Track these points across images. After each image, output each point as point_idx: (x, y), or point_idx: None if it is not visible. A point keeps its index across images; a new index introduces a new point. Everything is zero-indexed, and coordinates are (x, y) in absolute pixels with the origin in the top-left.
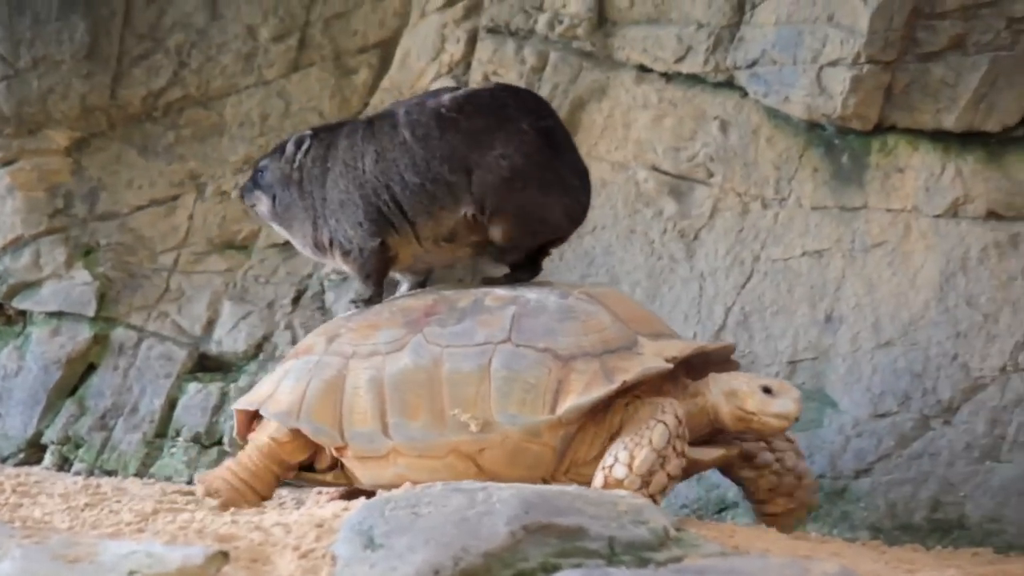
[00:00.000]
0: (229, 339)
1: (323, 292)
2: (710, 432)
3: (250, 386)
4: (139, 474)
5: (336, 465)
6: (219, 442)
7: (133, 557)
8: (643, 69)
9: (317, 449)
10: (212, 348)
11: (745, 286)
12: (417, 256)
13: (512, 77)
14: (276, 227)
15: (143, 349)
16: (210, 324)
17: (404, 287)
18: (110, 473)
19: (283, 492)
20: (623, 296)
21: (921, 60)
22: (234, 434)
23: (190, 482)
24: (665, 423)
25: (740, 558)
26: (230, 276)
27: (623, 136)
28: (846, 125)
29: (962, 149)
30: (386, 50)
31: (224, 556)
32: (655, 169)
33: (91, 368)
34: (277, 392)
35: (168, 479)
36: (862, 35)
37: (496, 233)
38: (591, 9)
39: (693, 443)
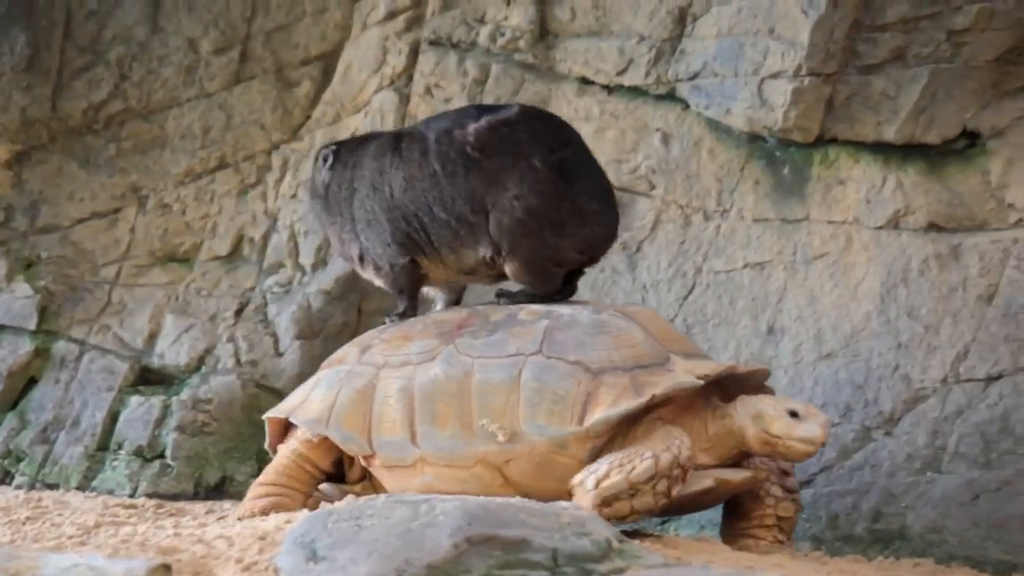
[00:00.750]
0: (171, 352)
1: (266, 305)
2: (739, 454)
3: (192, 399)
4: (81, 487)
5: (365, 476)
6: (161, 455)
7: (75, 570)
8: (585, 81)
9: (347, 460)
10: (154, 361)
11: (687, 298)
12: (448, 277)
13: (454, 89)
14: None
15: (84, 362)
16: (152, 337)
17: (439, 305)
18: (52, 486)
19: (226, 504)
20: (657, 316)
21: (862, 72)
22: (266, 444)
23: (132, 495)
24: (657, 459)
25: (683, 569)
26: (172, 289)
27: None
28: (787, 137)
29: (903, 161)
30: (328, 63)
31: (166, 569)
32: None
33: (32, 381)
34: (308, 400)
35: (110, 492)
36: (803, 48)
37: (511, 272)
38: (533, 22)
39: (722, 464)
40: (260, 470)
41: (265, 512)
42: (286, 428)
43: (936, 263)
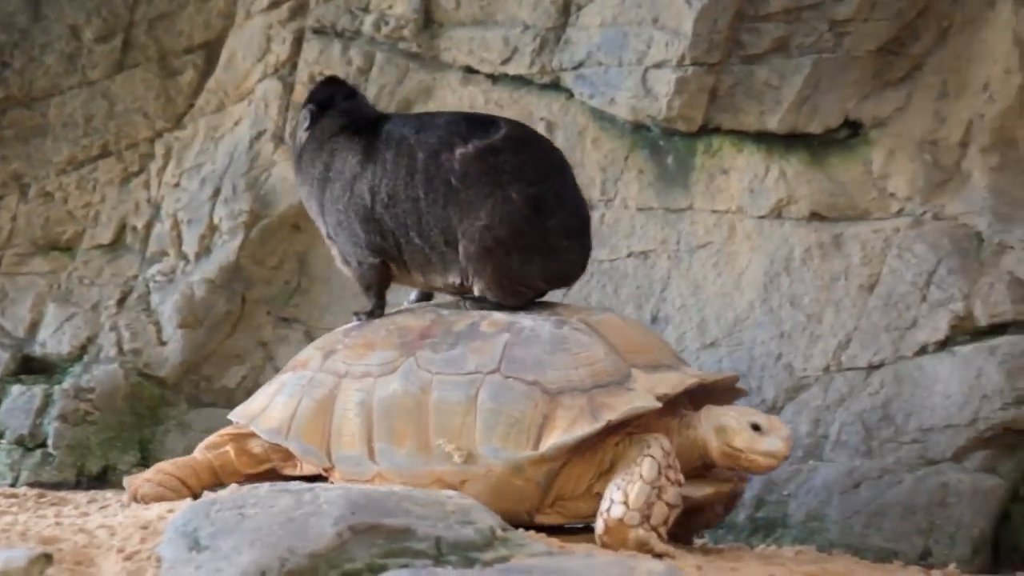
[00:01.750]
0: (53, 341)
1: (149, 294)
2: (703, 466)
3: (74, 388)
4: None
5: (319, 479)
6: (43, 444)
7: None
8: (469, 70)
9: (288, 461)
10: (36, 350)
11: (572, 287)
12: (414, 286)
13: None
14: None
15: None
16: (34, 326)
17: (412, 295)
18: None
19: (108, 494)
20: (625, 322)
21: (745, 62)
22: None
23: (13, 484)
24: (652, 456)
25: (566, 557)
26: (54, 278)
27: None
28: (671, 127)
29: (786, 151)
30: (212, 51)
31: (47, 558)
32: None
33: None
34: (270, 408)
35: None
36: (687, 37)
37: (479, 292)
38: (417, 10)
39: (686, 477)
40: (143, 459)
41: (146, 500)
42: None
43: (818, 252)
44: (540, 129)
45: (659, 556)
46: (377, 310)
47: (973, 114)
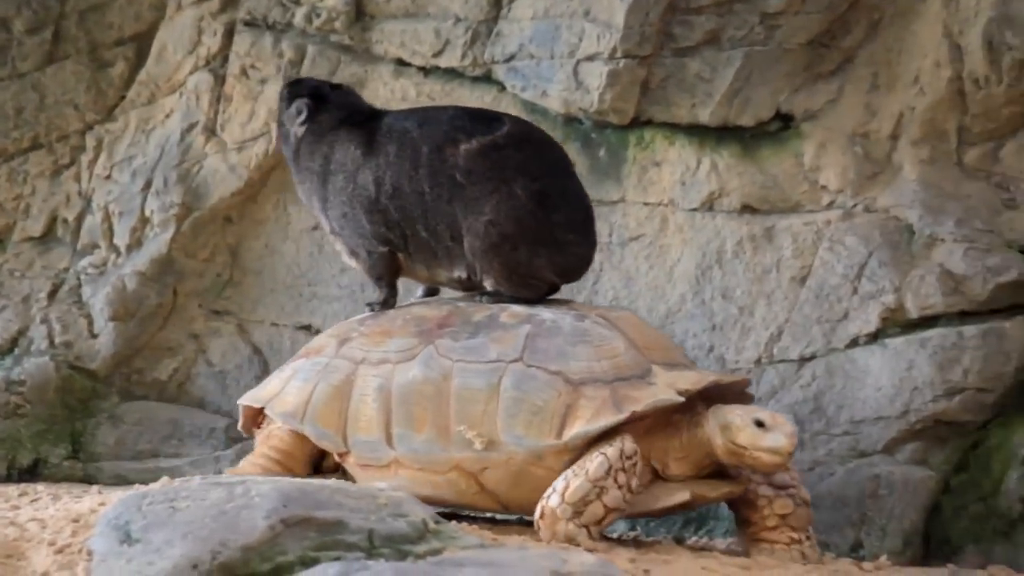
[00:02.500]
0: None
1: (80, 286)
2: (717, 463)
3: (5, 381)
4: None
5: (339, 469)
6: None
7: None
8: (401, 63)
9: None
10: None
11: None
12: (420, 281)
13: (270, 71)
14: None
15: None
16: None
17: (419, 292)
18: None
19: (39, 487)
20: (640, 321)
21: (677, 55)
22: (239, 426)
23: None
24: (605, 455)
25: (498, 550)
26: None
27: None
28: (603, 119)
29: (717, 143)
30: (142, 43)
31: None
32: None
33: None
34: (284, 392)
35: None
36: (618, 30)
37: (491, 287)
38: (348, 3)
39: (702, 474)
40: (74, 452)
41: None
42: (258, 412)
43: (750, 245)
44: None
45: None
46: (390, 299)
47: (904, 107)
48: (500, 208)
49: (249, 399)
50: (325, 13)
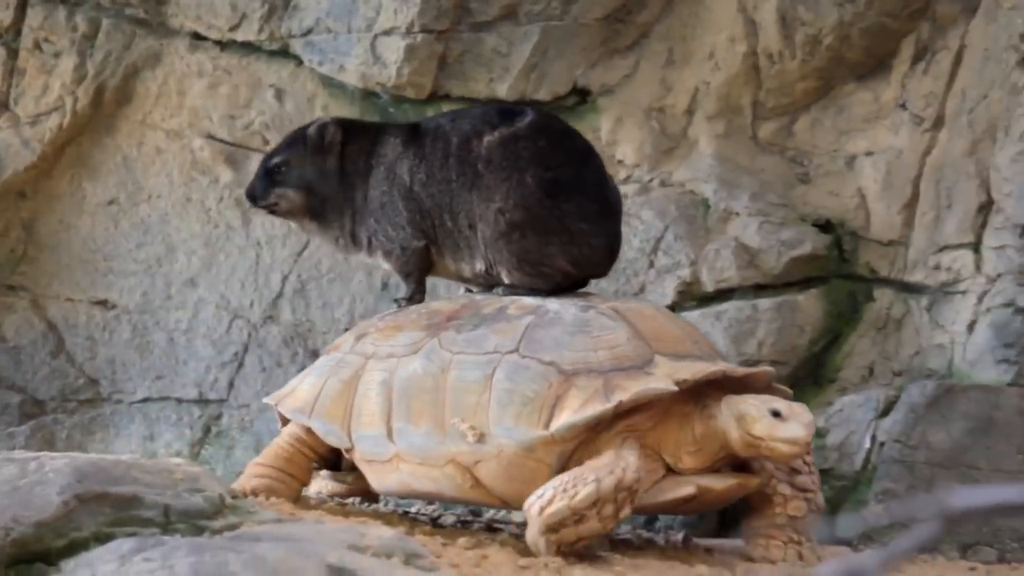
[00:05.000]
0: None
1: None
2: (731, 456)
3: None
4: None
5: (355, 468)
6: None
7: None
8: (197, 37)
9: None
10: None
11: (302, 254)
12: (449, 277)
13: (64, 44)
14: (302, 224)
15: None
16: None
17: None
18: None
19: None
20: (660, 312)
21: (474, 29)
22: (279, 426)
23: None
24: (599, 483)
25: (296, 524)
26: None
27: (178, 104)
28: (401, 94)
29: None
30: None
31: None
32: (211, 137)
33: None
34: (298, 388)
35: None
36: (415, 4)
37: (508, 281)
38: None
39: (714, 467)
40: None
41: (256, 493)
42: None
43: None
44: (269, 96)
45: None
46: (417, 295)
47: (699, 82)
48: (510, 196)
49: (269, 398)
50: None
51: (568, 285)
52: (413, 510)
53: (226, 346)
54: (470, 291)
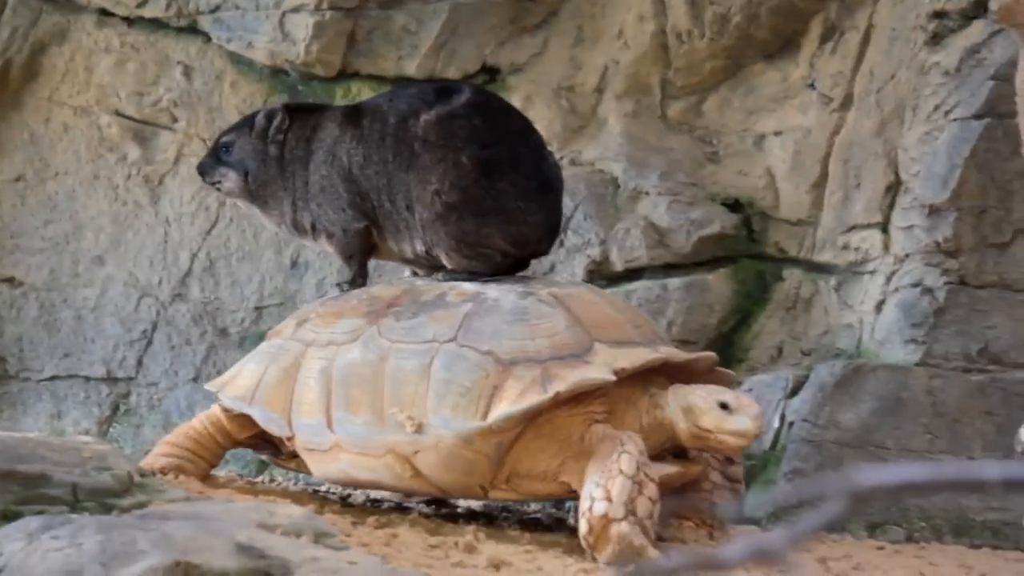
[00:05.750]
0: None
1: None
2: (672, 447)
3: None
4: None
5: (295, 456)
6: None
7: None
8: (105, 13)
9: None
10: None
11: (211, 232)
12: (391, 259)
13: None
14: (245, 204)
15: None
16: None
17: (406, 273)
18: None
19: None
20: (601, 298)
21: (383, 7)
22: None
23: None
24: (628, 452)
25: (205, 502)
26: None
27: (85, 81)
28: (310, 71)
29: None
30: None
31: None
32: (118, 114)
33: None
34: (239, 375)
35: None
36: None
37: (447, 264)
38: None
39: (653, 458)
40: None
41: (164, 472)
42: None
43: None
44: (177, 73)
45: (639, 553)
46: (358, 279)
47: (608, 60)
48: (445, 177)
49: (209, 384)
50: None
51: (508, 266)
52: (323, 488)
53: (134, 324)
54: (416, 274)
